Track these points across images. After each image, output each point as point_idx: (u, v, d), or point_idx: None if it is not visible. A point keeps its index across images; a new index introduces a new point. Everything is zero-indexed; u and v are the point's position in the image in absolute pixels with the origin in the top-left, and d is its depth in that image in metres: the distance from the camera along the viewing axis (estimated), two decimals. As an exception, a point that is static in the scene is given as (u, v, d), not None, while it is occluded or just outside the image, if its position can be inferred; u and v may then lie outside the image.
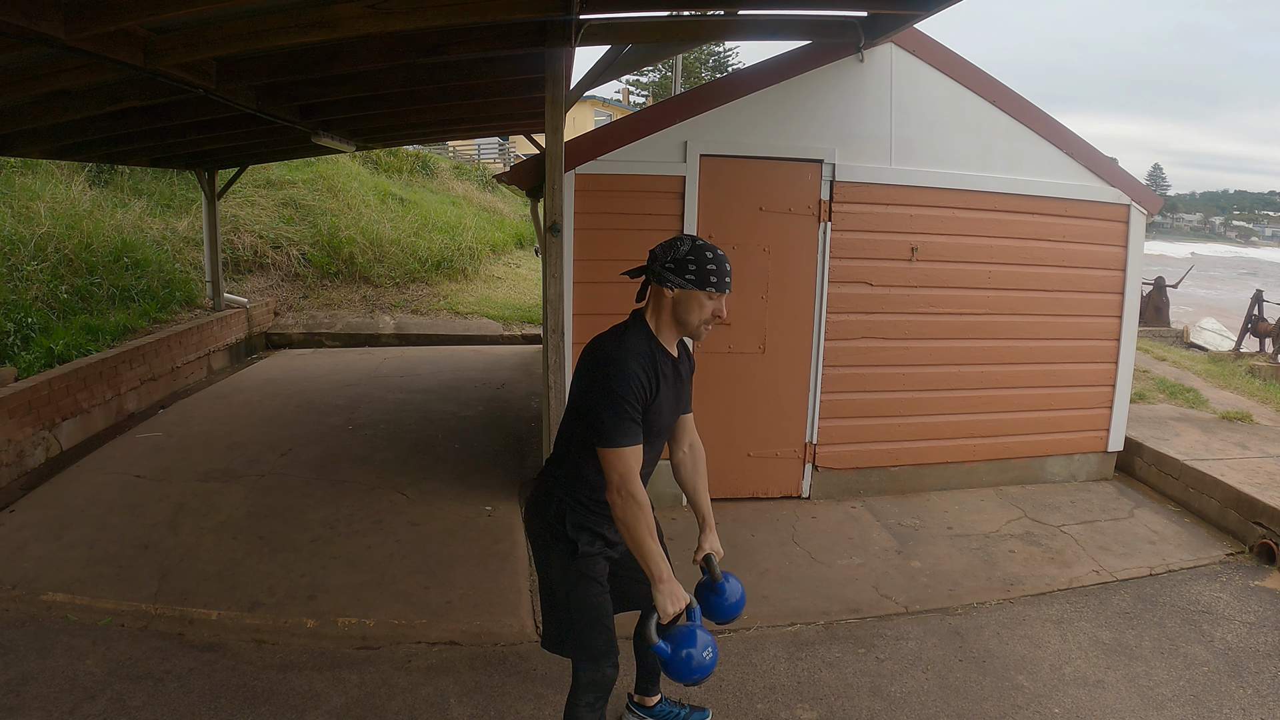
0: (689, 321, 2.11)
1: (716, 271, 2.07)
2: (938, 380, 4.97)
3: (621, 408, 2.01)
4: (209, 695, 2.89)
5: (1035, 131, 4.91)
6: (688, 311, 2.10)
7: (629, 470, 2.02)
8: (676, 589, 2.04)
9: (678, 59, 19.92)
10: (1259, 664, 3.25)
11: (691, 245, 2.09)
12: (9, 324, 6.33)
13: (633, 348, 2.09)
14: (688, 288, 2.08)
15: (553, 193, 4.19)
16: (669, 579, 2.03)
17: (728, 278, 2.10)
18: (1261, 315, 11.70)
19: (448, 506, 4.69)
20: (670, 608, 2.02)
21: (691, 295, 2.08)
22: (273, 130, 5.80)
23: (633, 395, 2.02)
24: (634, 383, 2.03)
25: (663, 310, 2.14)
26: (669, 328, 2.15)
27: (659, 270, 2.11)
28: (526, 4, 3.51)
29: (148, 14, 2.90)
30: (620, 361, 2.05)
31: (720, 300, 2.11)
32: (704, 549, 2.34)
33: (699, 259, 2.07)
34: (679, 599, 2.03)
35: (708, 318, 2.11)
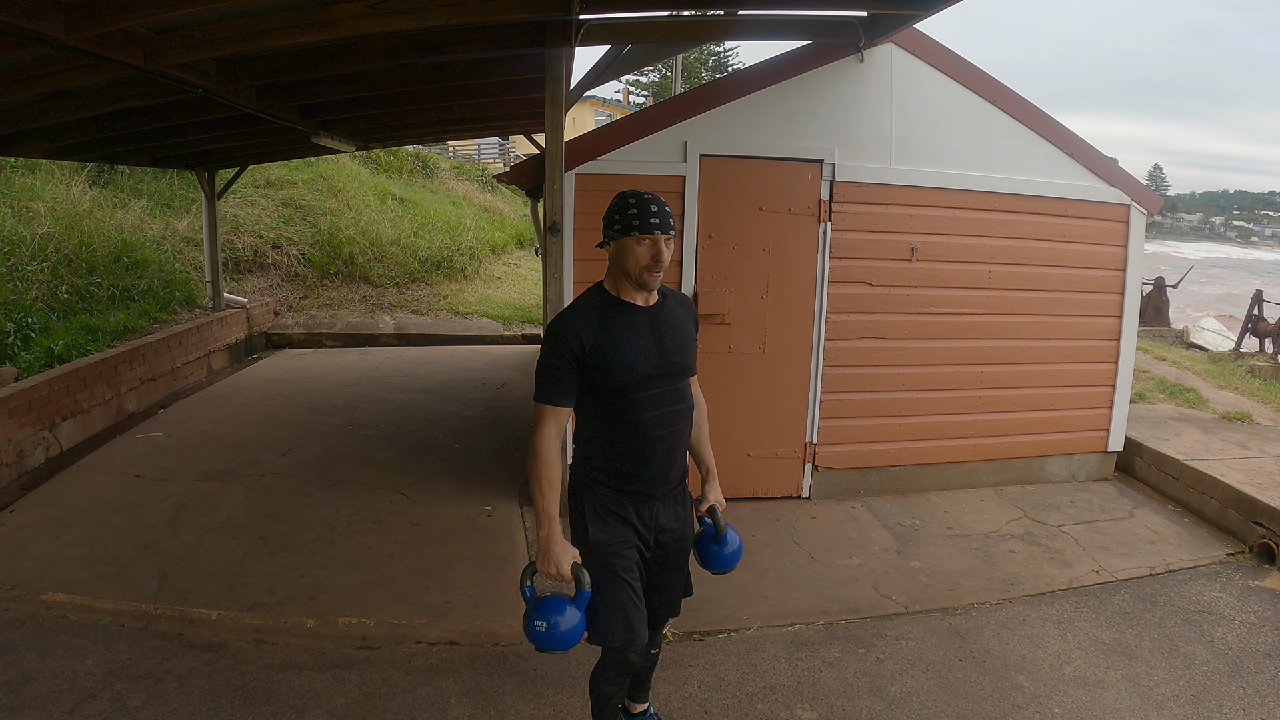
0: (629, 270, 2.13)
1: (639, 215, 2.09)
2: (938, 380, 4.97)
3: (546, 364, 2.12)
4: (209, 695, 2.89)
5: (1035, 131, 4.91)
6: (624, 260, 2.13)
7: (539, 422, 2.12)
8: (557, 552, 2.05)
9: (678, 59, 19.92)
10: (1259, 664, 3.25)
11: (618, 197, 2.14)
12: (9, 324, 6.33)
13: (576, 307, 2.17)
14: (618, 237, 2.12)
15: (553, 193, 4.19)
16: (549, 538, 2.06)
17: (653, 219, 2.09)
18: (1261, 315, 11.70)
19: (448, 506, 4.69)
20: (540, 567, 2.08)
21: (622, 244, 2.12)
22: (273, 130, 5.80)
23: (559, 354, 2.10)
24: (563, 340, 2.10)
25: (612, 266, 2.19)
26: (623, 282, 2.18)
27: (603, 231, 2.18)
28: (526, 4, 3.51)
29: (148, 14, 2.91)
30: (556, 322, 2.14)
31: (657, 242, 2.10)
32: (708, 500, 2.40)
33: (621, 207, 2.12)
34: (551, 563, 2.06)
35: (646, 262, 2.11)
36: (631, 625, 2.20)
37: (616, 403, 2.16)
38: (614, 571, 2.19)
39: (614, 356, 2.12)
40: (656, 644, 2.54)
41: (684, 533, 2.36)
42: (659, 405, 2.21)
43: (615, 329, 2.14)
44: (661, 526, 2.28)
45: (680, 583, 2.45)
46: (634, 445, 2.18)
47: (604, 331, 2.13)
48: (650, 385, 2.18)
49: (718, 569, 2.45)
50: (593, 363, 2.12)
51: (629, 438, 2.18)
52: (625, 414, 2.17)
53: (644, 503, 2.23)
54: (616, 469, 2.21)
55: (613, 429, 2.19)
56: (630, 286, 2.18)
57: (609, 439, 2.20)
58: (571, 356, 2.11)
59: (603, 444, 2.21)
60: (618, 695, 2.40)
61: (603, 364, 2.12)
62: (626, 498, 2.22)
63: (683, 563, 2.42)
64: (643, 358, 2.16)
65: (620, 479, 2.21)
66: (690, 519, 2.39)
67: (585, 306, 2.17)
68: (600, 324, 2.14)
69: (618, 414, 2.17)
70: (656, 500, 2.26)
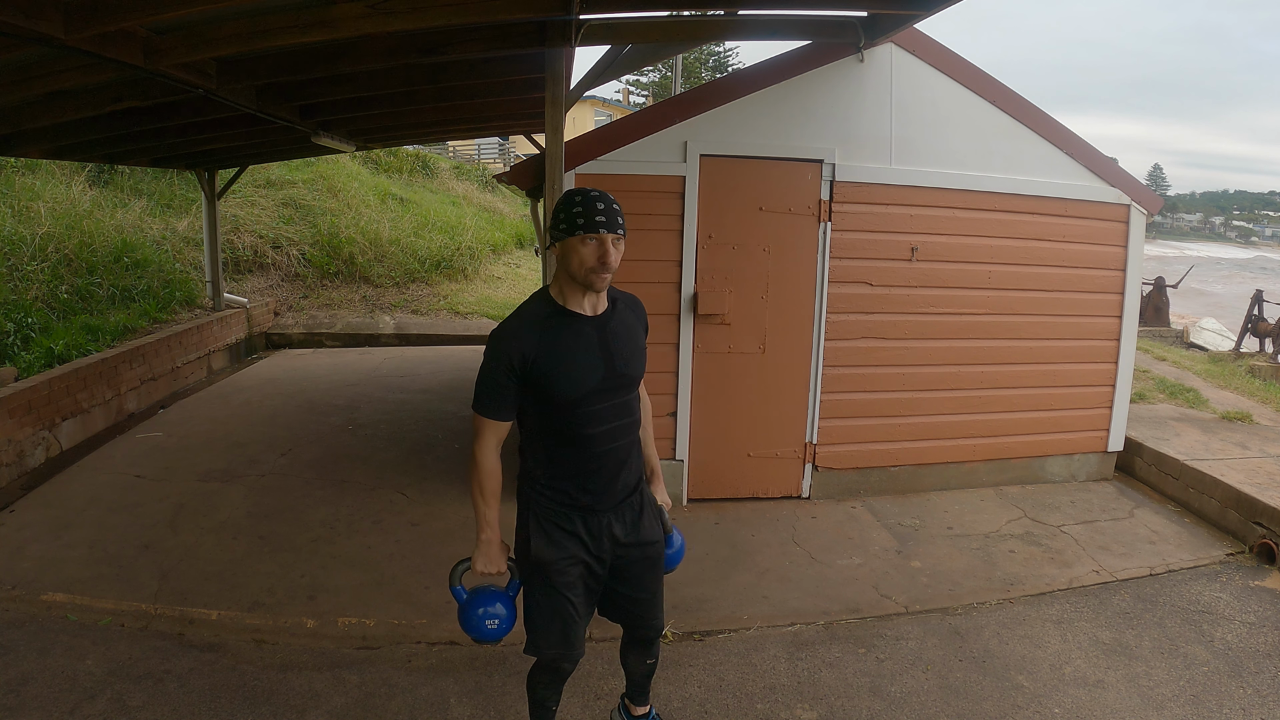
0: (575, 271, 2.02)
1: (584, 213, 1.97)
2: (938, 380, 4.97)
3: (486, 375, 2.05)
4: (209, 695, 2.89)
5: (1035, 131, 4.91)
6: (569, 262, 2.02)
7: (478, 433, 2.08)
8: (494, 551, 2.12)
9: (678, 59, 19.92)
10: (1259, 664, 3.25)
11: (564, 195, 2.04)
12: (9, 324, 6.33)
13: (519, 316, 2.08)
14: (563, 237, 2.01)
15: (553, 193, 4.19)
16: (490, 541, 2.11)
17: (598, 216, 1.97)
18: (1261, 315, 11.70)
19: (448, 506, 4.69)
20: (480, 566, 2.13)
21: (567, 245, 2.01)
22: (273, 130, 5.80)
23: (499, 368, 2.02)
24: (501, 357, 2.02)
25: (559, 269, 2.08)
26: (570, 286, 2.07)
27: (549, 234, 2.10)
28: (526, 4, 3.51)
29: (148, 14, 2.91)
30: (497, 333, 2.05)
31: (604, 242, 1.98)
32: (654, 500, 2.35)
33: (567, 206, 2.01)
34: (493, 562, 2.12)
35: (592, 264, 1.99)
36: (568, 637, 2.17)
37: (561, 417, 2.07)
38: (554, 587, 2.14)
39: (557, 372, 2.02)
40: (653, 655, 2.48)
41: (645, 543, 2.24)
42: (606, 420, 2.11)
43: (560, 342, 2.03)
44: (616, 539, 2.18)
45: (654, 595, 2.33)
46: (579, 461, 2.10)
47: (547, 345, 2.02)
48: (597, 400, 2.08)
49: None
50: (534, 378, 2.02)
51: (574, 453, 2.09)
52: (570, 429, 2.08)
53: (591, 516, 2.14)
54: (562, 485, 2.12)
55: (557, 444, 2.10)
56: (576, 291, 2.07)
57: (553, 454, 2.12)
58: (510, 371, 2.01)
59: (547, 458, 2.13)
60: (552, 699, 2.38)
61: (545, 380, 2.02)
62: (573, 511, 2.13)
63: (650, 575, 2.29)
64: (589, 372, 2.06)
65: (566, 494, 2.13)
66: (655, 527, 2.28)
67: (528, 317, 2.06)
68: (542, 336, 2.03)
69: (562, 429, 2.08)
70: (605, 513, 2.15)
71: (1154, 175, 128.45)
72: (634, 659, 2.49)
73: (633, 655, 2.49)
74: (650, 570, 2.29)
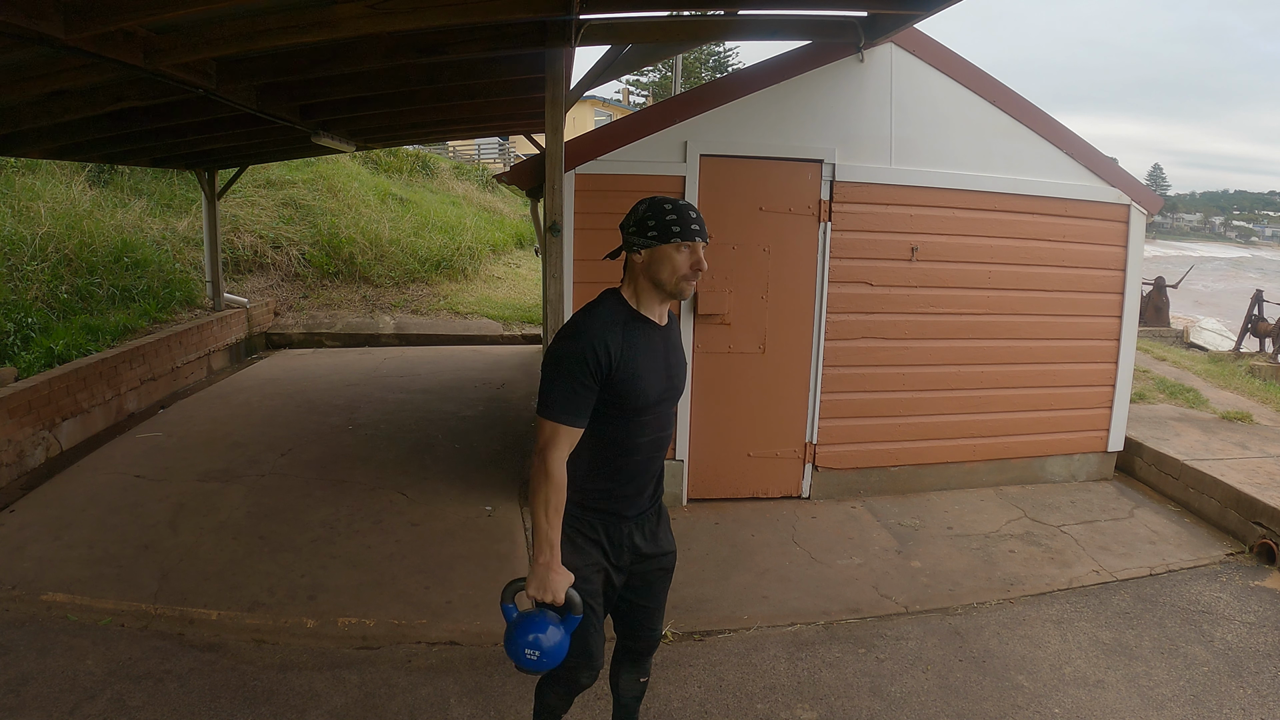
0: (664, 280, 1.98)
1: (678, 220, 1.96)
2: (938, 380, 4.97)
3: (565, 376, 1.91)
4: (209, 695, 2.89)
5: (1035, 131, 4.91)
6: (659, 270, 1.98)
7: (556, 442, 1.92)
8: (554, 579, 1.92)
9: (678, 59, 19.92)
10: (1259, 664, 3.25)
11: (649, 203, 2.01)
12: (9, 324, 6.33)
13: (599, 316, 1.98)
14: (653, 245, 1.97)
15: (553, 193, 4.19)
16: (548, 565, 1.91)
17: (694, 225, 1.98)
18: (1261, 315, 11.70)
19: (448, 506, 4.69)
20: (534, 592, 1.93)
21: (659, 252, 1.97)
22: (273, 130, 5.80)
23: (580, 368, 1.90)
24: (586, 355, 1.91)
25: (638, 276, 2.02)
26: (649, 294, 2.03)
27: (626, 239, 2.03)
28: (526, 4, 3.51)
29: (148, 14, 2.91)
30: (579, 331, 1.95)
31: (696, 250, 1.99)
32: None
33: (657, 212, 1.98)
34: (549, 590, 1.92)
35: (684, 272, 1.98)
36: (589, 649, 2.11)
37: (618, 426, 2.01)
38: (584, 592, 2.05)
39: (635, 378, 1.97)
40: (645, 672, 2.42)
41: (662, 553, 2.23)
42: (654, 430, 2.09)
43: (638, 345, 1.99)
44: (636, 548, 2.15)
45: (661, 605, 2.32)
46: (624, 469, 2.06)
47: (629, 346, 1.97)
48: (654, 410, 2.06)
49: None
50: (614, 381, 1.95)
51: (621, 462, 2.05)
52: (623, 439, 2.03)
53: (615, 524, 2.10)
54: (596, 490, 2.07)
55: (606, 451, 2.04)
56: (655, 299, 2.03)
57: (598, 459, 2.04)
58: (596, 370, 1.92)
59: (589, 464, 2.04)
60: (562, 708, 2.31)
61: (623, 385, 1.96)
62: (597, 517, 2.09)
63: (662, 584, 2.29)
64: (656, 382, 2.03)
65: (594, 497, 2.07)
66: (670, 537, 2.25)
67: (610, 316, 1.99)
68: (625, 337, 1.97)
69: (616, 438, 2.02)
70: (628, 521, 2.12)
71: (1154, 175, 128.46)
72: (626, 678, 2.40)
73: (625, 673, 2.40)
74: (663, 580, 2.28)
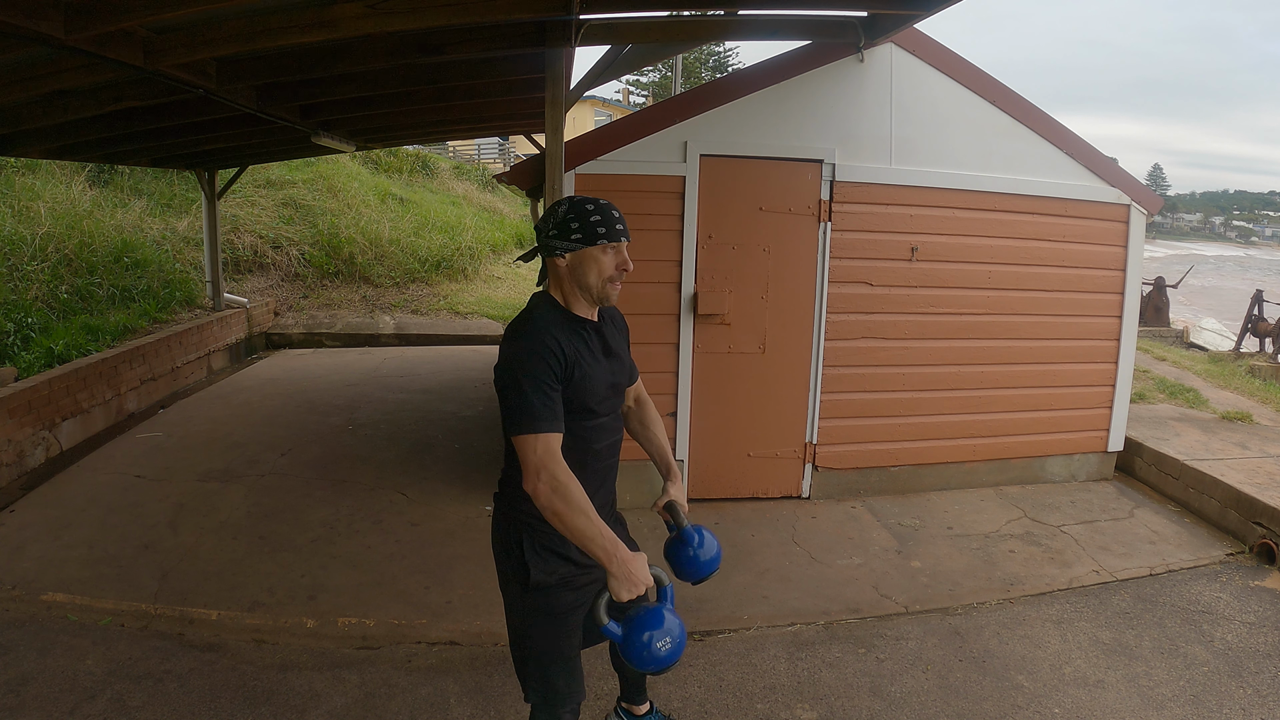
0: (591, 284, 1.93)
1: (603, 221, 1.90)
2: (938, 380, 4.97)
3: (530, 387, 1.80)
4: (209, 695, 2.89)
5: (1035, 131, 4.91)
6: (586, 273, 1.92)
7: (547, 453, 1.78)
8: (633, 568, 1.77)
9: (678, 59, 19.92)
10: (1259, 664, 3.25)
11: (569, 204, 1.93)
12: (9, 324, 6.33)
13: (540, 321, 1.91)
14: (578, 248, 1.90)
15: (553, 193, 4.19)
16: (621, 558, 1.76)
17: (618, 225, 1.91)
18: (1261, 315, 11.70)
19: (448, 506, 4.69)
20: (626, 595, 1.77)
21: (584, 255, 1.91)
22: (273, 130, 5.81)
23: (545, 370, 1.82)
24: (546, 356, 1.83)
25: (563, 281, 1.96)
26: (575, 297, 1.96)
27: (545, 242, 1.95)
28: (526, 4, 3.51)
29: (148, 14, 2.91)
30: (527, 335, 1.86)
31: (621, 250, 1.93)
32: (667, 495, 2.15)
33: (580, 214, 1.90)
34: (637, 584, 1.77)
35: (611, 274, 1.93)
36: (573, 679, 2.04)
37: (574, 433, 1.93)
38: (556, 614, 2.00)
39: (585, 378, 1.92)
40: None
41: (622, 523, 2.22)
42: (610, 434, 2.05)
43: (579, 346, 1.93)
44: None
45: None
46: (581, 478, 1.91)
47: (573, 347, 1.91)
48: (601, 413, 2.00)
49: (694, 577, 2.15)
50: (570, 382, 1.89)
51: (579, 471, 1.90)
52: (581, 445, 1.96)
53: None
54: None
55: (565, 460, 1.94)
56: (583, 303, 1.97)
57: None
58: (558, 368, 1.85)
59: None
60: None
61: (576, 385, 1.90)
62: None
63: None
64: (601, 379, 1.98)
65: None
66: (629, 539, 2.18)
67: (548, 319, 1.92)
68: (567, 338, 1.91)
69: (573, 445, 1.92)
70: None
71: (1154, 175, 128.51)
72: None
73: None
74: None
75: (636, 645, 1.77)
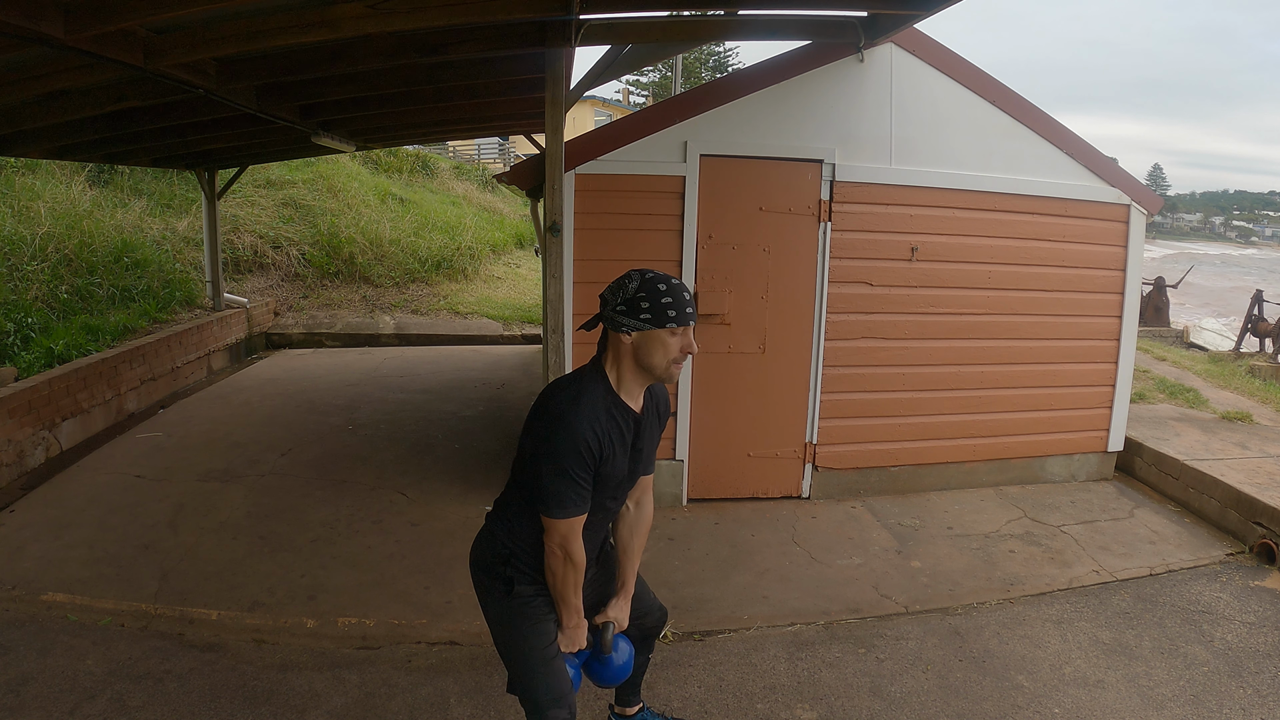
0: (654, 365, 1.91)
1: (674, 304, 1.87)
2: (938, 380, 4.97)
3: (569, 477, 1.86)
4: (209, 695, 2.89)
5: (1035, 131, 4.91)
6: (650, 354, 1.90)
7: (571, 533, 1.92)
8: (577, 637, 2.12)
9: (678, 59, 19.92)
10: (1259, 664, 3.25)
11: (641, 281, 1.89)
12: (9, 324, 6.33)
13: (587, 408, 1.89)
14: (645, 329, 1.87)
15: (553, 193, 4.19)
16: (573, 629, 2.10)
17: (689, 309, 1.89)
18: (1261, 315, 11.70)
19: (448, 506, 4.69)
20: (565, 647, 2.11)
21: (652, 336, 1.88)
22: (273, 130, 5.80)
23: (582, 464, 1.86)
24: (583, 450, 1.86)
25: (623, 357, 1.93)
26: (632, 376, 1.95)
27: (611, 315, 1.92)
28: (526, 4, 3.51)
29: (148, 14, 2.91)
30: (569, 424, 1.86)
31: (688, 334, 1.91)
32: (607, 614, 2.20)
33: (651, 294, 1.87)
34: (574, 644, 2.13)
35: (676, 356, 1.91)
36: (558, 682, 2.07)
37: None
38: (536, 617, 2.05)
39: (608, 467, 1.94)
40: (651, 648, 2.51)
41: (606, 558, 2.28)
42: (609, 508, 2.09)
43: (613, 435, 1.93)
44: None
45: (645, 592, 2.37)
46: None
47: (608, 437, 1.91)
48: (612, 497, 2.05)
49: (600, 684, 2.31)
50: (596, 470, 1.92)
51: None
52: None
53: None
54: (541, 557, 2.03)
55: None
56: (639, 382, 1.97)
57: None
58: (591, 462, 1.88)
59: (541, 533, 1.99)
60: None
61: (597, 475, 1.93)
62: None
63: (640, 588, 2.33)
64: (621, 468, 1.99)
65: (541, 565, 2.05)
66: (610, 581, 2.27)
67: (594, 405, 1.91)
68: (607, 427, 1.91)
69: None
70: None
71: (1154, 175, 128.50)
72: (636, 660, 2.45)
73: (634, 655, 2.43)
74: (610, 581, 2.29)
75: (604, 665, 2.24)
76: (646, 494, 2.25)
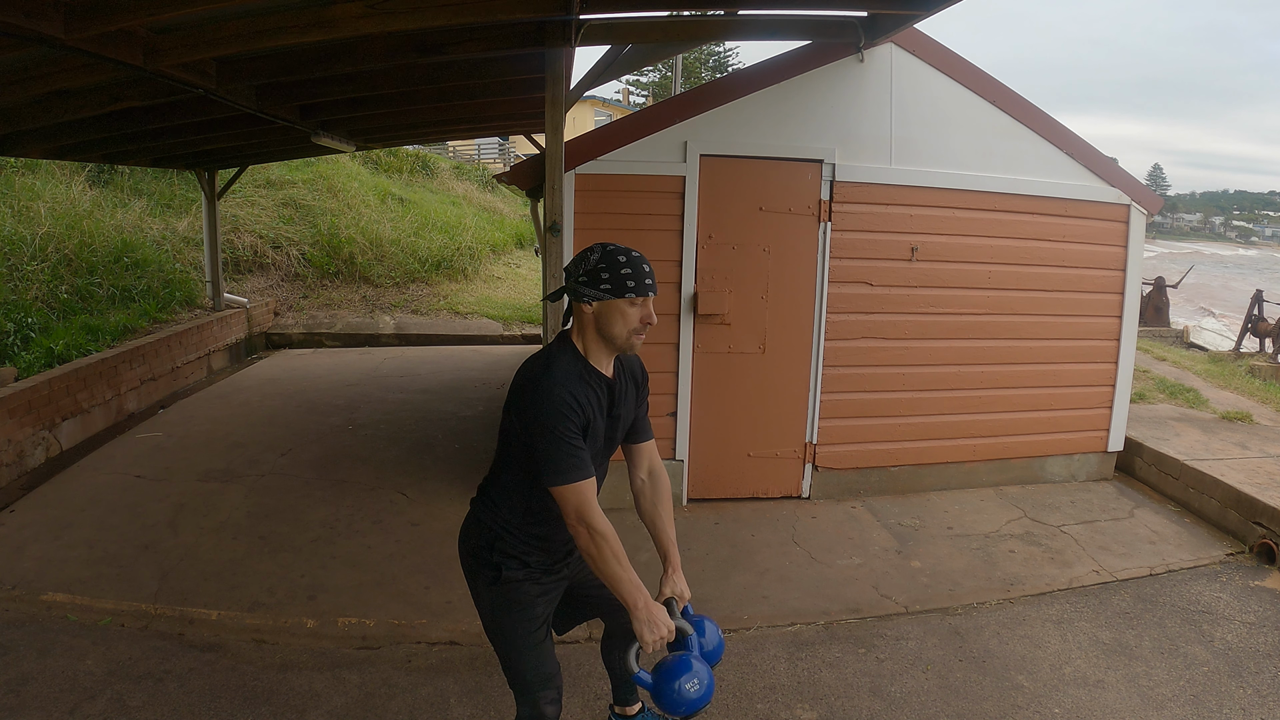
0: (615, 335, 1.95)
1: (634, 275, 1.92)
2: (938, 380, 4.97)
3: (561, 441, 1.86)
4: (209, 695, 2.89)
5: (1035, 131, 4.91)
6: (611, 324, 1.94)
7: (584, 501, 1.88)
8: (656, 615, 1.89)
9: (678, 59, 19.89)
10: (1259, 664, 3.25)
11: (602, 253, 1.95)
12: (9, 324, 6.33)
13: (559, 372, 1.93)
14: (605, 298, 1.92)
15: (553, 193, 4.19)
16: (645, 605, 1.88)
17: (648, 279, 1.94)
18: (1261, 315, 11.70)
19: (448, 506, 4.69)
20: (649, 636, 1.88)
21: (612, 306, 1.93)
22: (272, 130, 5.80)
23: (569, 425, 1.88)
24: (569, 411, 1.88)
25: (586, 327, 1.97)
26: (596, 345, 1.98)
27: (574, 286, 1.96)
28: (526, 4, 3.51)
29: (148, 14, 2.91)
30: (546, 389, 1.89)
31: (647, 304, 1.95)
32: (664, 593, 2.08)
33: (611, 265, 1.92)
34: (658, 626, 1.89)
35: (635, 326, 1.94)
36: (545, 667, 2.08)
37: None
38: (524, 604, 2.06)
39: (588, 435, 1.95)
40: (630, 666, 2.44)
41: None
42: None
43: (591, 401, 1.96)
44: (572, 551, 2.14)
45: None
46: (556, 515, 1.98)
47: (587, 401, 1.94)
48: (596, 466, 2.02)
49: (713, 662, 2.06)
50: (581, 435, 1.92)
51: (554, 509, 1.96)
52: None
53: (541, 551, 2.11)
54: (526, 533, 2.06)
55: (542, 499, 1.99)
56: (604, 352, 1.99)
57: (531, 509, 2.04)
58: (579, 421, 1.90)
59: (524, 510, 2.04)
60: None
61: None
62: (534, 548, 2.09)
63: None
64: (598, 436, 2.00)
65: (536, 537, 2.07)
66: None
67: (568, 368, 1.95)
68: (584, 391, 1.94)
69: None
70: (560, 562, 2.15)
71: (1154, 175, 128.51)
72: (619, 655, 2.37)
73: (618, 651, 2.37)
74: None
75: (668, 691, 1.88)
76: (656, 461, 2.24)
